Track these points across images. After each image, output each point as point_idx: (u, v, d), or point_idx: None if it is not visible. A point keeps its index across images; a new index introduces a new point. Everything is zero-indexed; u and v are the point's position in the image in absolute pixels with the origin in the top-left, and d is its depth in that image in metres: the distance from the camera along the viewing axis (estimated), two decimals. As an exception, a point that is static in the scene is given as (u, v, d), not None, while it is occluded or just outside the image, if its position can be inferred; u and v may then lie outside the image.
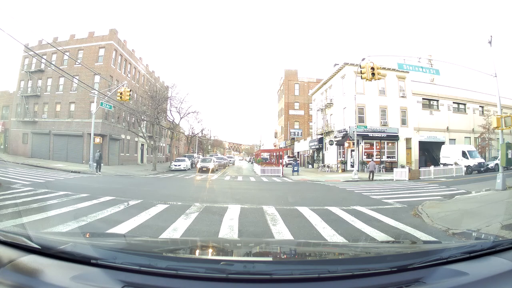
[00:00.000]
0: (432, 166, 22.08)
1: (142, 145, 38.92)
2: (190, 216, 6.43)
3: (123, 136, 33.65)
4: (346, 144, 26.81)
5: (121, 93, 19.69)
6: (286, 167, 31.70)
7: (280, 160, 33.72)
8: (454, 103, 30.83)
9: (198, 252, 2.05)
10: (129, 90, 20.90)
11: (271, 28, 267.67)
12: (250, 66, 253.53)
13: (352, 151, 25.54)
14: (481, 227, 5.51)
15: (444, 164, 23.81)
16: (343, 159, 28.12)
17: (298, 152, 45.40)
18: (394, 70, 26.63)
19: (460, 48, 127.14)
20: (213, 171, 26.38)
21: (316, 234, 5.23)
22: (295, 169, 24.45)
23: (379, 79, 15.99)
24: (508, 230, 5.03)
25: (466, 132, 30.39)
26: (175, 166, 28.91)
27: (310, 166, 37.66)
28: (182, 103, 35.89)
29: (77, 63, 27.77)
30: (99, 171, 20.08)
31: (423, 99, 29.63)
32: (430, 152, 30.34)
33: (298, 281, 1.28)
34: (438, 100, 30.22)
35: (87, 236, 2.35)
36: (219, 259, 1.76)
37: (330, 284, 1.26)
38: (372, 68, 14.43)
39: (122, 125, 32.80)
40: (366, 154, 27.05)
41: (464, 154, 23.65)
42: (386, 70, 26.35)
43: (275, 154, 39.27)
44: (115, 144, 32.13)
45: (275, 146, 57.96)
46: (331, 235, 5.15)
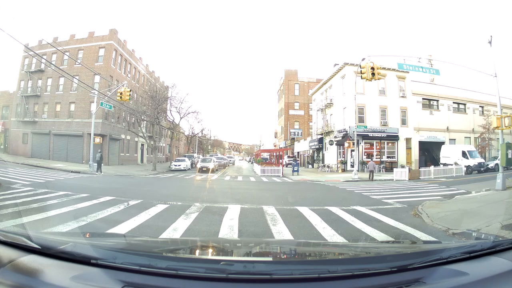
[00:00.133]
0: (432, 166, 22.09)
1: (142, 145, 38.93)
2: (190, 216, 6.43)
3: (123, 136, 33.65)
4: (346, 144, 26.81)
5: (121, 93, 19.71)
6: (286, 167, 31.70)
7: (280, 160, 33.72)
8: (454, 103, 30.84)
9: (198, 252, 2.05)
10: (129, 90, 20.91)
11: (271, 28, 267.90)
12: (250, 66, 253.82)
13: (352, 151, 25.54)
14: (481, 227, 5.51)
15: (444, 164, 23.81)
16: (343, 159, 28.12)
17: (298, 152, 45.39)
18: (394, 70, 26.64)
19: (460, 48, 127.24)
20: (213, 171, 26.39)
21: (316, 234, 5.23)
22: (295, 169, 24.46)
23: (379, 79, 15.99)
24: (508, 230, 5.03)
25: (466, 132, 30.39)
26: (175, 166, 28.93)
27: (310, 166, 37.66)
28: (182, 103, 35.98)
29: (77, 63, 27.77)
30: (100, 171, 20.12)
31: (423, 99, 29.63)
32: (430, 152, 30.34)
33: (298, 281, 1.28)
34: (438, 100, 30.22)
35: (87, 236, 2.35)
36: (219, 259, 1.76)
37: (330, 284, 1.26)
38: (372, 68, 14.44)
39: (122, 125, 32.80)
40: (366, 154, 27.04)
41: (464, 154, 23.66)
42: (386, 70, 26.35)
43: (275, 154, 39.28)
44: (115, 144, 32.14)
45: (275, 146, 57.96)
46: (331, 235, 5.15)
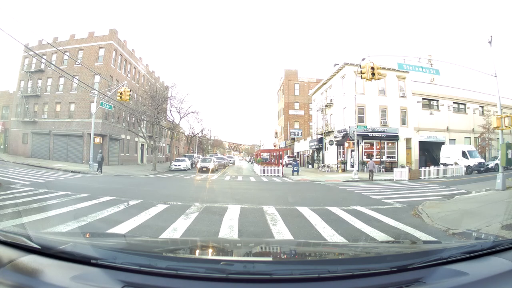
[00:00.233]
0: (432, 166, 22.09)
1: (142, 145, 38.93)
2: (190, 216, 6.43)
3: (123, 136, 33.65)
4: (346, 144, 26.81)
5: (121, 93, 19.71)
6: (286, 167, 31.70)
7: (280, 160, 33.71)
8: (454, 103, 30.83)
9: (198, 252, 2.04)
10: (129, 90, 20.92)
11: (271, 28, 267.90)
12: (250, 66, 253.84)
13: (352, 151, 25.54)
14: (481, 227, 5.51)
15: (444, 164, 23.81)
16: (343, 159, 28.12)
17: (298, 152, 45.39)
18: (394, 70, 26.64)
19: (460, 48, 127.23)
20: (213, 171, 26.39)
21: (316, 234, 5.23)
22: (295, 169, 24.46)
23: (379, 79, 15.99)
24: (508, 230, 5.03)
25: (466, 132, 30.39)
26: (175, 166, 28.93)
27: (310, 166, 37.66)
28: (182, 103, 36.00)
29: (77, 63, 27.77)
30: (100, 171, 20.14)
31: (423, 99, 29.63)
32: (430, 152, 30.33)
33: (298, 281, 1.27)
34: (438, 100, 30.22)
35: (87, 236, 2.35)
36: (219, 259, 1.76)
37: (330, 284, 1.26)
38: (372, 68, 14.44)
39: (122, 125, 32.80)
40: (366, 154, 27.03)
41: (464, 154, 23.66)
42: (386, 70, 26.35)
43: (275, 154, 39.27)
44: (115, 144, 32.14)
45: (275, 146, 57.95)
46: (331, 235, 5.15)
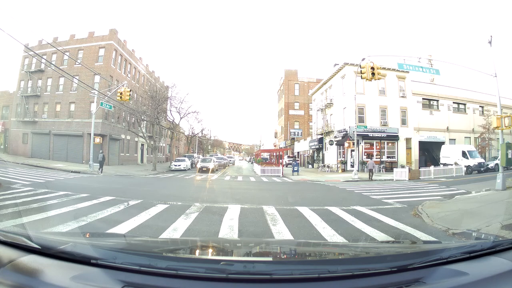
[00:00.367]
0: (432, 166, 22.09)
1: (142, 145, 38.93)
2: (190, 216, 6.43)
3: (123, 136, 33.65)
4: (346, 144, 26.81)
5: (121, 93, 19.71)
6: (286, 167, 31.70)
7: (280, 160, 33.71)
8: (454, 103, 30.83)
9: (198, 252, 2.04)
10: (129, 90, 20.92)
11: (271, 28, 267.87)
12: (250, 66, 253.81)
13: (352, 151, 25.54)
14: (481, 227, 5.51)
15: (444, 164, 23.81)
16: (343, 159, 28.12)
17: (298, 152, 45.39)
18: (394, 70, 26.65)
19: (460, 48, 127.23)
20: (213, 171, 26.39)
21: (316, 234, 5.23)
22: (295, 169, 24.45)
23: (379, 79, 15.99)
24: (508, 230, 5.03)
25: (466, 132, 30.38)
26: (175, 166, 28.93)
27: (310, 166, 37.66)
28: (182, 103, 36.00)
29: (77, 63, 27.77)
30: (101, 171, 20.15)
31: (423, 99, 29.63)
32: (430, 152, 30.33)
33: (298, 281, 1.27)
34: (438, 100, 30.22)
35: (87, 236, 2.35)
36: (219, 259, 1.76)
37: (330, 284, 1.26)
38: (372, 68, 14.44)
39: (122, 125, 32.79)
40: (366, 154, 27.03)
41: (464, 154, 23.66)
42: (386, 70, 26.35)
43: (275, 154, 39.27)
44: (115, 144, 32.14)
45: (275, 146, 57.95)
46: (331, 235, 5.15)
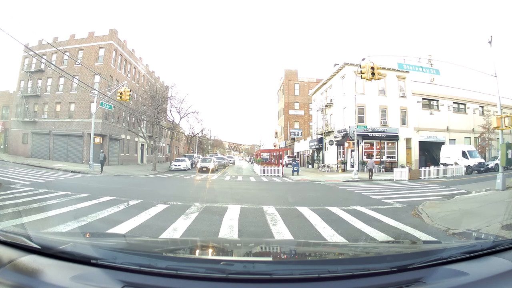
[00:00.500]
0: (432, 166, 22.08)
1: (142, 145, 38.91)
2: (190, 216, 6.43)
3: (123, 136, 33.64)
4: (346, 144, 26.80)
5: (121, 93, 19.72)
6: (286, 167, 31.69)
7: (280, 160, 33.71)
8: (454, 103, 30.82)
9: (198, 252, 2.04)
10: (129, 90, 20.91)
11: (271, 28, 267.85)
12: (250, 66, 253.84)
13: (352, 151, 25.53)
14: (481, 227, 5.51)
15: (444, 164, 23.80)
16: (343, 159, 28.12)
17: (298, 152, 45.39)
18: (394, 70, 26.65)
19: (460, 48, 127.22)
20: (213, 171, 26.38)
21: (316, 234, 5.23)
22: (295, 169, 24.45)
23: (379, 79, 15.99)
24: (508, 230, 5.03)
25: (466, 132, 30.38)
26: (175, 166, 28.92)
27: (310, 166, 37.65)
28: (182, 103, 35.93)
29: (77, 63, 27.77)
30: (101, 171, 20.14)
31: (423, 99, 29.62)
32: (430, 152, 30.33)
33: (298, 281, 1.27)
34: (438, 100, 30.21)
35: (87, 236, 2.35)
36: (219, 259, 1.76)
37: (330, 284, 1.26)
38: (372, 68, 14.45)
39: (122, 125, 32.79)
40: (366, 154, 27.03)
41: (464, 154, 23.65)
42: (386, 70, 26.35)
43: (275, 154, 39.27)
44: (115, 144, 32.13)
45: (275, 146, 57.95)
46: (331, 235, 5.14)
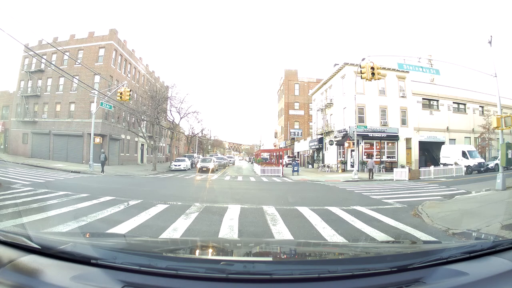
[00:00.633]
0: (432, 166, 22.08)
1: (142, 145, 38.91)
2: (190, 216, 6.43)
3: (123, 136, 33.64)
4: (346, 144, 26.80)
5: (121, 93, 19.72)
6: (286, 167, 31.69)
7: (280, 160, 33.72)
8: (454, 103, 30.82)
9: (198, 252, 2.04)
10: (129, 90, 20.91)
11: (271, 28, 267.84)
12: (250, 66, 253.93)
13: (352, 151, 25.53)
14: (481, 227, 5.51)
15: (444, 164, 23.80)
16: (343, 159, 28.12)
17: (298, 152, 45.38)
18: (394, 70, 26.65)
19: (460, 48, 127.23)
20: (213, 171, 26.38)
21: (316, 234, 5.23)
22: (295, 169, 24.45)
23: (379, 79, 16.00)
24: (508, 230, 5.03)
25: (466, 132, 30.38)
26: (175, 166, 28.91)
27: (310, 166, 37.65)
28: (182, 103, 35.88)
29: (77, 63, 27.77)
30: (102, 171, 20.15)
31: (423, 99, 29.62)
32: (430, 152, 30.32)
33: (298, 281, 1.27)
34: (438, 100, 30.21)
35: (87, 236, 2.35)
36: (219, 259, 1.76)
37: (330, 284, 1.26)
38: (372, 68, 14.45)
39: (122, 125, 32.79)
40: (366, 154, 27.03)
41: (464, 154, 23.65)
42: (386, 70, 26.35)
43: (275, 154, 39.28)
44: (115, 144, 32.13)
45: (275, 146, 57.95)
46: (331, 235, 5.14)
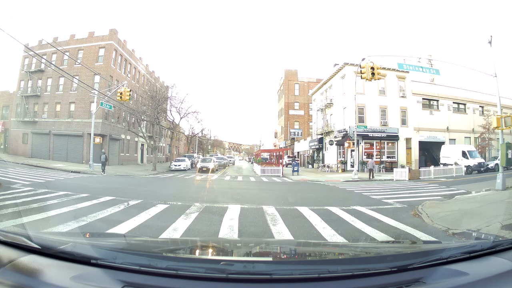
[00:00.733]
0: (432, 166, 22.07)
1: (142, 145, 38.91)
2: (190, 216, 6.43)
3: (123, 136, 33.64)
4: (346, 144, 26.80)
5: (121, 93, 19.71)
6: (286, 167, 31.69)
7: (280, 160, 33.71)
8: (454, 103, 30.82)
9: (198, 252, 2.04)
10: (129, 90, 20.91)
11: (271, 28, 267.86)
12: (250, 66, 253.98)
13: (352, 151, 25.53)
14: (481, 227, 5.51)
15: (444, 164, 23.80)
16: (343, 159, 28.11)
17: (298, 152, 45.38)
18: (394, 70, 26.64)
19: (460, 48, 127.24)
20: (213, 171, 26.38)
21: (316, 234, 5.23)
22: (295, 169, 24.44)
23: (379, 79, 16.00)
24: (508, 230, 5.03)
25: (466, 132, 30.37)
26: (175, 166, 28.91)
27: (310, 166, 37.65)
28: (182, 103, 35.89)
29: (77, 63, 27.76)
30: (103, 171, 20.16)
31: (423, 99, 29.62)
32: (430, 152, 30.32)
33: (298, 281, 1.27)
34: (438, 100, 30.21)
35: (87, 236, 2.35)
36: (219, 259, 1.76)
37: (330, 284, 1.26)
38: (372, 68, 14.45)
39: (122, 125, 32.78)
40: (366, 154, 27.03)
41: (464, 154, 23.65)
42: (386, 70, 26.34)
43: (275, 154, 39.28)
44: (115, 144, 32.13)
45: (275, 146, 57.94)
46: (331, 235, 5.14)
